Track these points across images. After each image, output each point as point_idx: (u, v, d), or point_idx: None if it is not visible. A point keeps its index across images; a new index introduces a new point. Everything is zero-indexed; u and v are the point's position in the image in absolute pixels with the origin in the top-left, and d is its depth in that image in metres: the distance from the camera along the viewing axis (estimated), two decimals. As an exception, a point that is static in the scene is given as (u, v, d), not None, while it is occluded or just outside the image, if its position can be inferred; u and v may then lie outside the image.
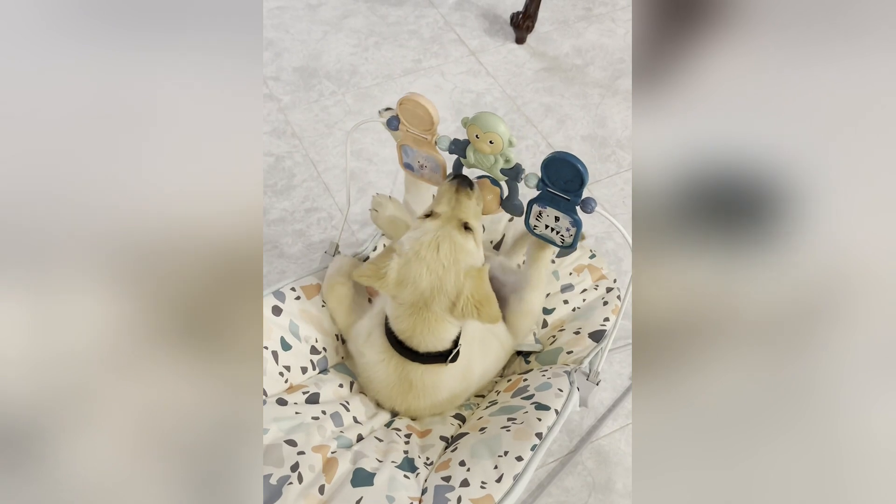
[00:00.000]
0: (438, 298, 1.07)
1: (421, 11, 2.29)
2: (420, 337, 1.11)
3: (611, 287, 1.37)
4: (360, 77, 2.09)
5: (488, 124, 1.02)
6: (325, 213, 1.77)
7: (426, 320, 1.09)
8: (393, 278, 1.09)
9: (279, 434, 1.03)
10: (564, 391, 1.12)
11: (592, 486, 1.35)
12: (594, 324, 1.28)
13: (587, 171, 0.98)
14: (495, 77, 2.10)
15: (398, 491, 0.99)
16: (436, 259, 1.07)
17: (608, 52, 2.18)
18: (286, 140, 1.92)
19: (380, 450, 1.08)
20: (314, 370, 1.21)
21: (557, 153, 0.99)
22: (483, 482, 0.99)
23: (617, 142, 1.94)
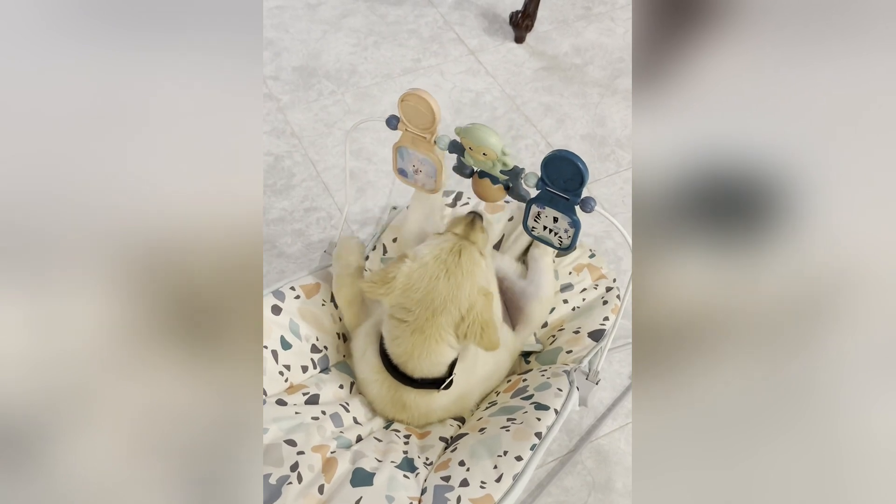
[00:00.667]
0: (449, 308, 1.05)
1: (420, 11, 2.29)
2: (416, 361, 1.09)
3: (610, 286, 1.37)
4: (359, 76, 2.09)
5: (479, 138, 1.02)
6: (325, 212, 1.76)
7: (426, 339, 1.07)
8: (401, 283, 1.07)
9: (279, 434, 1.03)
10: (564, 391, 1.12)
11: (592, 486, 1.35)
12: (594, 323, 1.28)
13: (587, 169, 0.98)
14: (494, 76, 2.10)
15: (398, 491, 0.99)
16: (457, 264, 1.06)
17: (607, 52, 2.18)
18: (285, 139, 1.92)
19: (379, 450, 1.08)
20: (315, 369, 1.21)
21: (557, 151, 0.98)
22: (482, 482, 0.99)
23: (616, 141, 1.94)
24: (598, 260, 1.40)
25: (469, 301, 1.06)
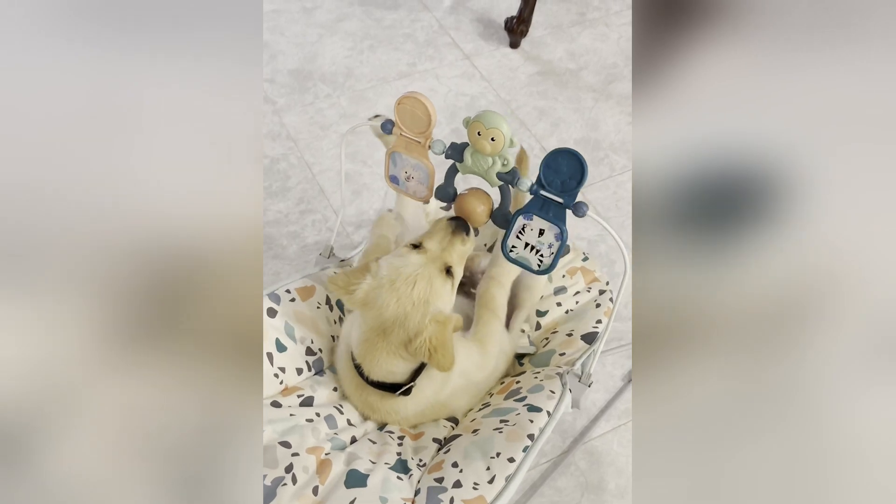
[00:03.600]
0: (397, 332, 1.07)
1: (416, 15, 2.30)
2: (370, 365, 1.11)
3: (603, 289, 1.38)
4: (354, 80, 2.10)
5: (492, 121, 1.03)
6: (320, 214, 1.77)
7: (378, 349, 1.09)
8: (360, 298, 1.09)
9: (273, 436, 1.04)
10: (556, 393, 1.13)
11: (585, 487, 1.36)
12: (587, 326, 1.29)
13: (587, 165, 0.99)
14: (489, 81, 2.11)
15: (391, 492, 1.00)
16: (408, 295, 1.06)
17: (601, 57, 2.20)
18: (281, 142, 1.92)
19: (373, 451, 1.08)
20: (310, 371, 1.21)
21: (559, 148, 1.00)
22: (475, 483, 1.00)
23: (610, 145, 1.95)
24: (592, 263, 1.41)
25: (417, 328, 1.06)
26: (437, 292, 1.08)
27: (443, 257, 1.09)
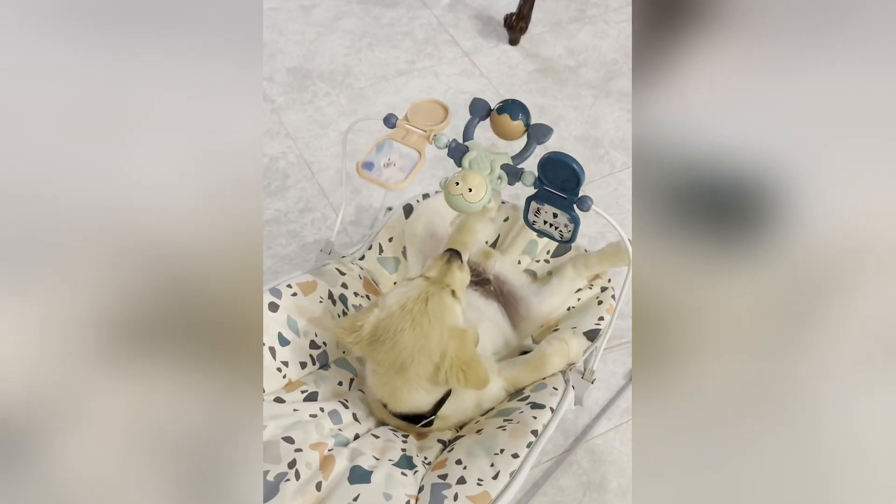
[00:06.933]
0: (419, 360, 1.04)
1: (414, 13, 2.29)
2: (394, 402, 1.10)
3: (605, 286, 1.37)
4: (353, 78, 2.09)
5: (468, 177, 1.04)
6: (320, 213, 1.77)
7: (398, 389, 1.07)
8: (367, 333, 1.06)
9: (276, 431, 1.03)
10: (559, 389, 1.13)
11: (587, 485, 1.36)
12: (589, 323, 1.28)
13: (583, 170, 0.98)
14: (489, 78, 2.11)
15: (395, 488, 1.00)
16: (423, 312, 1.04)
17: (601, 54, 2.20)
18: (280, 141, 1.92)
19: (377, 448, 1.08)
20: (314, 365, 1.20)
21: (553, 153, 0.99)
22: (479, 479, 1.00)
23: (610, 142, 1.95)
24: (593, 260, 1.41)
25: (440, 348, 1.04)
26: (450, 308, 1.08)
27: (445, 281, 1.10)
